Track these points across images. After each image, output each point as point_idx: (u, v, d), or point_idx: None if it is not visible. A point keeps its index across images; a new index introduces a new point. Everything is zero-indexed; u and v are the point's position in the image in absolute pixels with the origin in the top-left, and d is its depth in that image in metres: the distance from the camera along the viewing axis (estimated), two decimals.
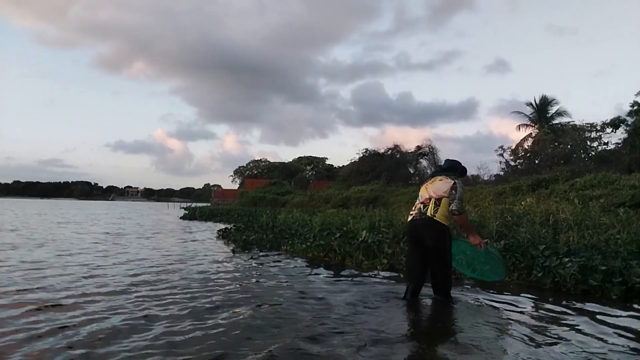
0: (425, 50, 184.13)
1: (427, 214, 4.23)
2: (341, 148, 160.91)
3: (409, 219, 4.46)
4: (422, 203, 4.40)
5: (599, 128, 24.68)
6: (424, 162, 37.05)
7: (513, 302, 4.55)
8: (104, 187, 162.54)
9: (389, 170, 34.75)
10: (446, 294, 4.37)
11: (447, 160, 4.73)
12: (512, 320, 3.87)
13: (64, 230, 13.63)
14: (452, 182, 4.30)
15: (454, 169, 4.55)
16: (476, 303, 4.49)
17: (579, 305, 4.44)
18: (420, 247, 4.27)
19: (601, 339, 3.30)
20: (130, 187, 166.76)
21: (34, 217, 22.04)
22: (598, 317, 3.97)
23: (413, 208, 4.50)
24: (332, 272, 6.38)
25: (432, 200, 4.28)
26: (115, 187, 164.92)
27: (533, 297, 4.85)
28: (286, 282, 5.55)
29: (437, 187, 4.36)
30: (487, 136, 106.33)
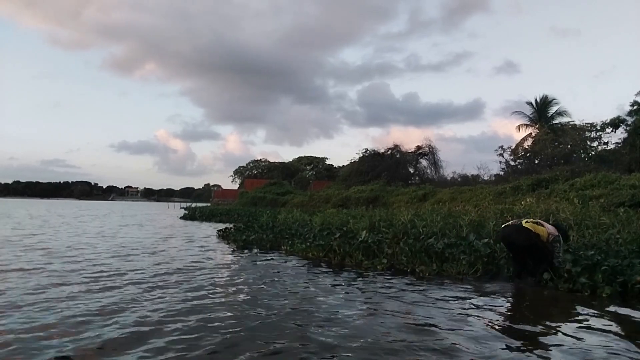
0: (436, 51, 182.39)
1: (522, 222, 5.24)
2: (344, 148, 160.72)
3: (504, 224, 5.66)
4: (523, 216, 5.62)
5: (599, 128, 24.65)
6: (423, 162, 37.13)
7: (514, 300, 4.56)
8: (104, 187, 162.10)
9: (388, 170, 34.76)
10: (538, 281, 5.21)
11: (556, 221, 6.41)
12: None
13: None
14: (558, 234, 5.17)
15: (558, 228, 5.43)
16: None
17: (579, 303, 4.44)
18: (513, 247, 5.35)
19: (602, 335, 3.31)
20: (130, 187, 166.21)
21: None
22: (599, 316, 3.98)
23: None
24: (332, 272, 6.38)
25: (534, 220, 5.29)
26: (115, 187, 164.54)
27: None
28: (285, 281, 5.55)
29: (547, 224, 5.29)
30: (492, 136, 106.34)
